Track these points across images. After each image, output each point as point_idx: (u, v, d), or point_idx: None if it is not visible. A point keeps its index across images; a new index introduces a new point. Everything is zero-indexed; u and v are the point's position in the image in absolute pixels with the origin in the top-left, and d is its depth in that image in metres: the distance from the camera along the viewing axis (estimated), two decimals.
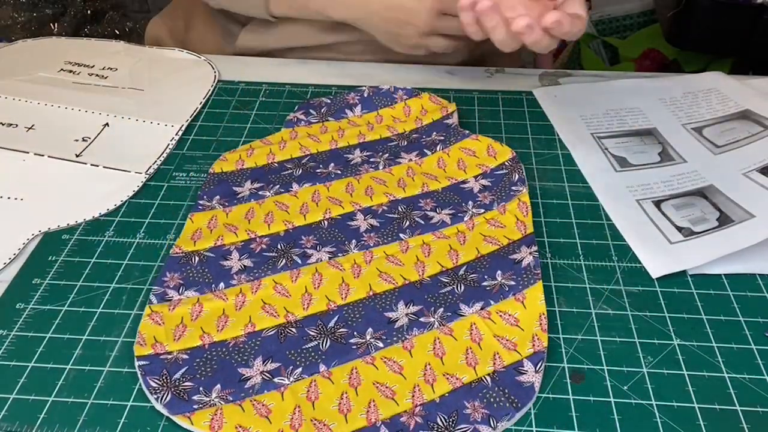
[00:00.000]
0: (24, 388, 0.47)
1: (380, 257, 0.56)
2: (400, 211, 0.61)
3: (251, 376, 0.48)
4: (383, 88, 0.76)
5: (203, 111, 0.75)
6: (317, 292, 0.53)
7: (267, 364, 0.48)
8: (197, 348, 0.49)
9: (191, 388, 0.47)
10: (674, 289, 0.54)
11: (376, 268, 0.55)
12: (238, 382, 0.47)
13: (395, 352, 0.49)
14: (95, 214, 0.61)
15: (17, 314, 0.52)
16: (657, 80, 0.79)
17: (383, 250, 0.57)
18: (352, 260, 0.56)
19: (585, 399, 0.46)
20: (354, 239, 0.58)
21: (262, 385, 0.47)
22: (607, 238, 0.59)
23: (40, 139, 0.69)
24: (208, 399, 0.46)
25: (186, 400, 0.46)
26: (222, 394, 0.46)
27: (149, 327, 0.51)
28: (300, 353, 0.49)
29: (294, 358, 0.49)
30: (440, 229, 0.59)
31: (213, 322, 0.51)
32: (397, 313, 0.52)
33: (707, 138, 0.69)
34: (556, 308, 0.53)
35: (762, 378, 0.48)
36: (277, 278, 0.54)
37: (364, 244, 0.57)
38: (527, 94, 0.77)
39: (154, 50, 0.85)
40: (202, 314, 0.52)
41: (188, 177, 0.66)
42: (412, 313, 0.52)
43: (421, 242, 0.57)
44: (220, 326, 0.51)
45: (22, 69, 0.80)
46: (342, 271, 0.55)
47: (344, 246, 0.57)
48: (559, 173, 0.66)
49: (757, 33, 1.16)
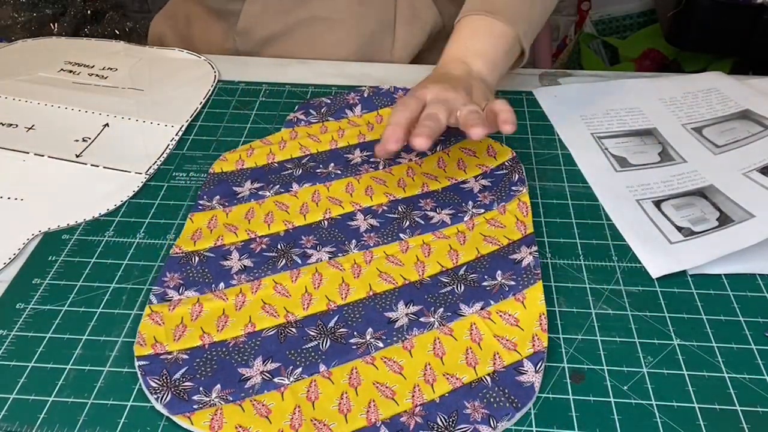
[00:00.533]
0: (24, 388, 0.47)
1: (380, 257, 0.56)
2: (400, 211, 0.61)
3: (251, 376, 0.48)
4: (383, 88, 0.76)
5: (203, 111, 0.75)
6: (317, 292, 0.53)
7: (267, 364, 0.48)
8: (197, 348, 0.49)
9: (191, 388, 0.47)
10: (674, 289, 0.54)
11: (376, 268, 0.55)
12: (238, 382, 0.47)
13: (395, 352, 0.49)
14: (95, 214, 0.61)
15: (17, 314, 0.52)
16: (657, 80, 0.79)
17: (383, 250, 0.57)
18: (352, 260, 0.56)
19: (585, 399, 0.46)
20: (354, 239, 0.58)
21: (262, 385, 0.47)
22: (607, 238, 0.59)
23: (40, 139, 0.69)
24: (208, 399, 0.46)
25: (186, 400, 0.46)
26: (222, 394, 0.46)
27: (149, 327, 0.51)
28: (300, 353, 0.49)
29: (294, 358, 0.49)
30: (440, 229, 0.59)
31: (213, 322, 0.51)
32: (397, 313, 0.52)
33: (707, 138, 0.69)
34: (556, 308, 0.53)
35: (762, 378, 0.48)
36: (277, 278, 0.54)
37: (364, 244, 0.57)
38: (527, 94, 0.77)
39: (154, 50, 0.85)
40: (202, 314, 0.52)
41: (188, 177, 0.66)
42: (412, 313, 0.52)
43: (421, 242, 0.57)
44: (220, 326, 0.51)
45: (22, 69, 0.80)
46: (342, 271, 0.55)
47: (344, 246, 0.57)
48: (559, 173, 0.66)
49: (757, 33, 1.16)
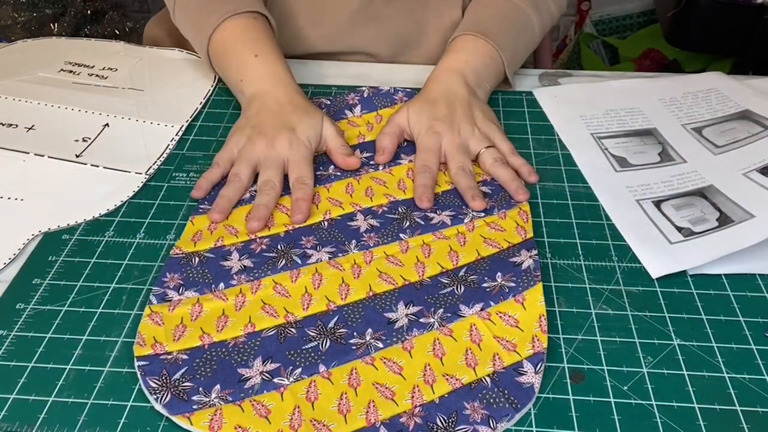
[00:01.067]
0: (24, 388, 0.47)
1: (380, 257, 0.56)
2: (400, 211, 0.61)
3: (251, 376, 0.48)
4: (383, 89, 0.76)
5: (203, 111, 0.75)
6: (317, 293, 0.53)
7: (266, 364, 0.48)
8: (197, 348, 0.49)
9: (191, 389, 0.47)
10: (674, 289, 0.54)
11: (376, 268, 0.55)
12: (238, 382, 0.47)
13: (395, 353, 0.49)
14: (95, 214, 0.61)
15: (17, 314, 0.52)
16: (657, 80, 0.79)
17: (383, 250, 0.57)
18: (352, 260, 0.56)
19: (585, 399, 0.46)
20: (354, 239, 0.58)
21: (261, 386, 0.47)
22: (607, 238, 0.59)
23: (40, 139, 0.69)
24: (208, 399, 0.46)
25: (185, 400, 0.46)
26: (221, 394, 0.46)
27: (149, 327, 0.51)
28: (300, 353, 0.49)
29: (293, 358, 0.49)
30: (440, 229, 0.59)
31: (213, 322, 0.51)
32: (397, 313, 0.52)
33: (707, 138, 0.69)
34: (556, 308, 0.53)
35: (762, 378, 0.48)
36: (277, 278, 0.54)
37: (364, 244, 0.57)
38: (527, 94, 0.77)
39: (153, 50, 0.85)
40: (202, 314, 0.52)
41: (188, 177, 0.66)
42: (411, 314, 0.52)
43: (421, 242, 0.57)
44: (219, 326, 0.51)
45: (22, 69, 0.80)
46: (342, 271, 0.55)
47: (344, 246, 0.57)
48: (559, 173, 0.66)
49: (757, 33, 1.16)
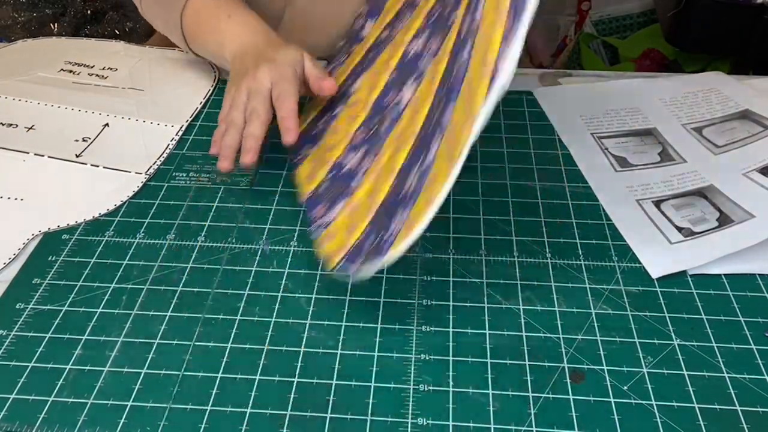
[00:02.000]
0: (24, 388, 0.47)
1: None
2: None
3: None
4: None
5: (203, 111, 0.75)
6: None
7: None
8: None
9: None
10: (674, 289, 0.54)
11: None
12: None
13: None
14: (95, 214, 0.61)
15: (17, 314, 0.52)
16: (657, 80, 0.79)
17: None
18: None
19: (585, 399, 0.46)
20: (420, 63, 0.61)
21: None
22: (607, 238, 0.59)
23: (40, 139, 0.69)
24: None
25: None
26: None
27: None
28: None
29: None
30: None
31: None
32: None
33: (707, 138, 0.69)
34: (556, 308, 0.53)
35: (762, 378, 0.48)
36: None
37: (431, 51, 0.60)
38: (527, 94, 0.77)
39: (154, 50, 0.85)
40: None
41: (188, 177, 0.66)
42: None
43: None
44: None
45: (22, 69, 0.80)
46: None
47: (417, 71, 0.61)
48: (559, 173, 0.66)
49: (757, 33, 1.16)
